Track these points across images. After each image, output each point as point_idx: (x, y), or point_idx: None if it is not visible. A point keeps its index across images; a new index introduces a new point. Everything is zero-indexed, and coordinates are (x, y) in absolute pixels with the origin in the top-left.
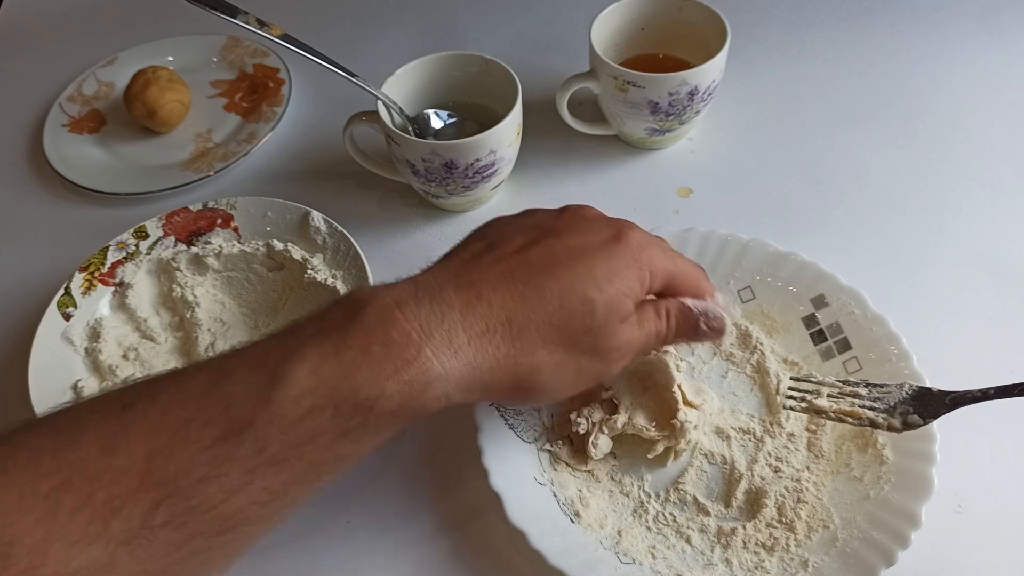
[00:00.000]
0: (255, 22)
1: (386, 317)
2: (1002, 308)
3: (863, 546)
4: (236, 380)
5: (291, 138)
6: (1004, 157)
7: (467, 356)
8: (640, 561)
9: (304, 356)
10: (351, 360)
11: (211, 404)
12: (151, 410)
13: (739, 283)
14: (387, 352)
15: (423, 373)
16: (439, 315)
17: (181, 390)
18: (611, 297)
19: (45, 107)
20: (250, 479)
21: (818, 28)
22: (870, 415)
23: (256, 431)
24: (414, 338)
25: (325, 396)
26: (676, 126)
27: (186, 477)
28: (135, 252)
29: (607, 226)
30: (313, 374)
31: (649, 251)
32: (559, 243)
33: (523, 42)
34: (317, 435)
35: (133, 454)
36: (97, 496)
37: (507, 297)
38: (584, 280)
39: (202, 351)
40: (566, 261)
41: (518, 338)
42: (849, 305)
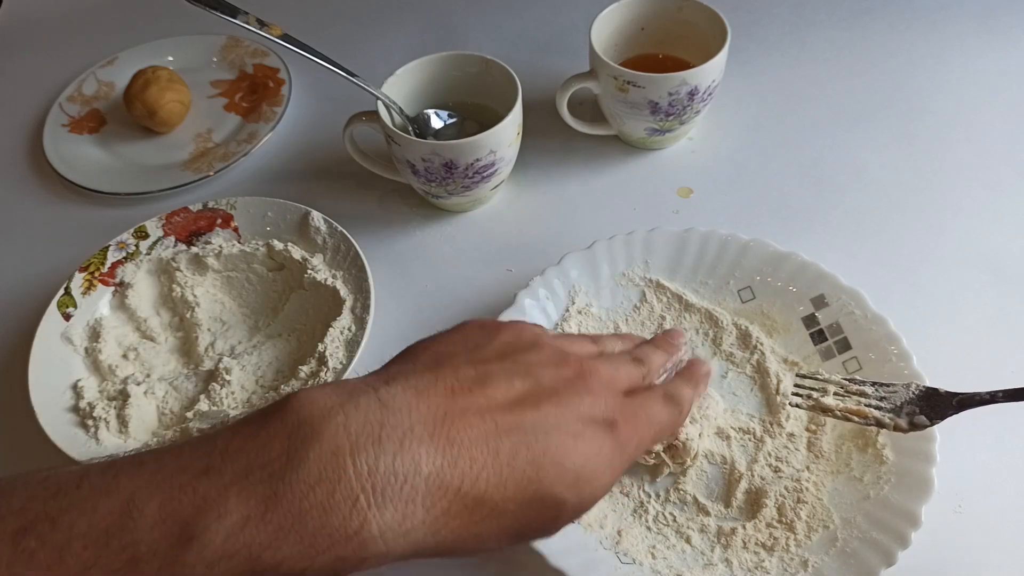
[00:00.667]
0: (255, 22)
1: (333, 468)
2: (1002, 308)
3: (863, 546)
4: (145, 524)
5: (291, 138)
6: (1004, 157)
7: (416, 537)
8: (640, 561)
9: (225, 511)
10: (279, 526)
11: (114, 551)
12: (49, 541)
13: (739, 283)
14: (324, 520)
15: (360, 549)
16: (400, 479)
17: (83, 520)
18: (582, 504)
19: (45, 107)
20: None
21: (818, 28)
22: (876, 414)
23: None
24: (360, 504)
25: (244, 564)
26: (676, 126)
27: None
28: (135, 252)
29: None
30: (231, 537)
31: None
32: (555, 412)
33: (523, 42)
34: None
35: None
36: None
37: (483, 473)
38: (566, 477)
39: (202, 351)
40: (558, 444)
41: (477, 525)
42: (849, 305)
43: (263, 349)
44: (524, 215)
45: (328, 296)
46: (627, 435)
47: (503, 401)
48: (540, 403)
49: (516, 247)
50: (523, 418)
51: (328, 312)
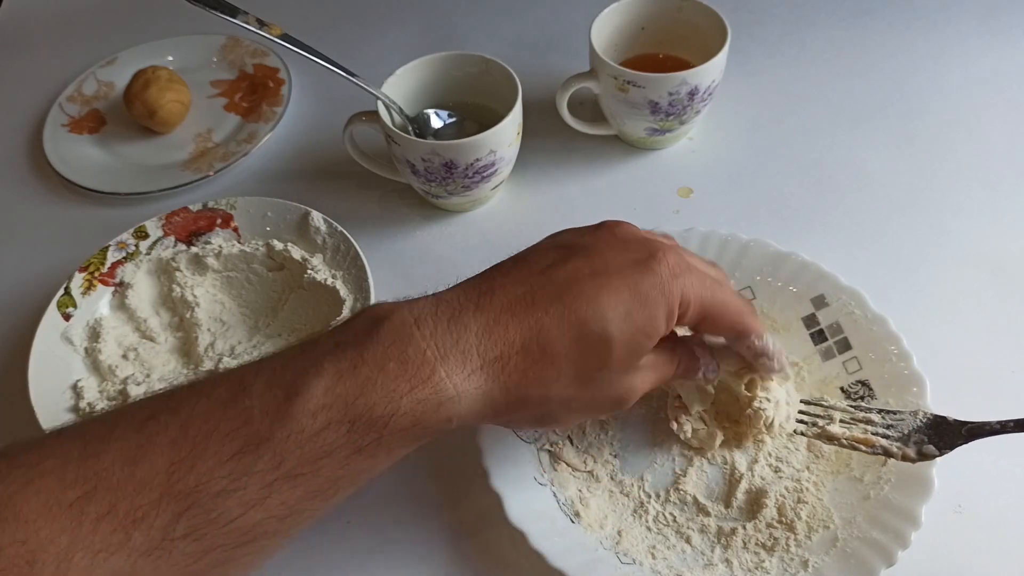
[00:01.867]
0: (255, 22)
1: (403, 334)
2: (1002, 308)
3: (863, 546)
4: (255, 394)
5: (291, 138)
6: (1004, 157)
7: (479, 381)
8: (640, 561)
9: (321, 371)
10: (367, 377)
11: (231, 417)
12: (172, 422)
13: (739, 283)
14: (402, 370)
15: (436, 393)
16: (455, 336)
17: (202, 402)
18: (631, 336)
19: (45, 107)
20: (268, 493)
21: (818, 28)
22: (883, 443)
23: (274, 445)
24: (428, 357)
25: (341, 412)
26: (676, 126)
27: (206, 490)
28: (135, 252)
29: (639, 247)
30: (329, 390)
31: (683, 280)
32: (586, 264)
33: (523, 42)
34: (333, 450)
35: (155, 466)
36: (120, 506)
37: (524, 323)
38: (605, 313)
39: (202, 351)
40: (589, 287)
41: (531, 367)
42: (849, 305)
43: (263, 349)
44: (524, 215)
45: (328, 296)
46: (668, 268)
47: (538, 268)
48: (569, 260)
49: (516, 247)
50: (554, 274)
51: (328, 312)
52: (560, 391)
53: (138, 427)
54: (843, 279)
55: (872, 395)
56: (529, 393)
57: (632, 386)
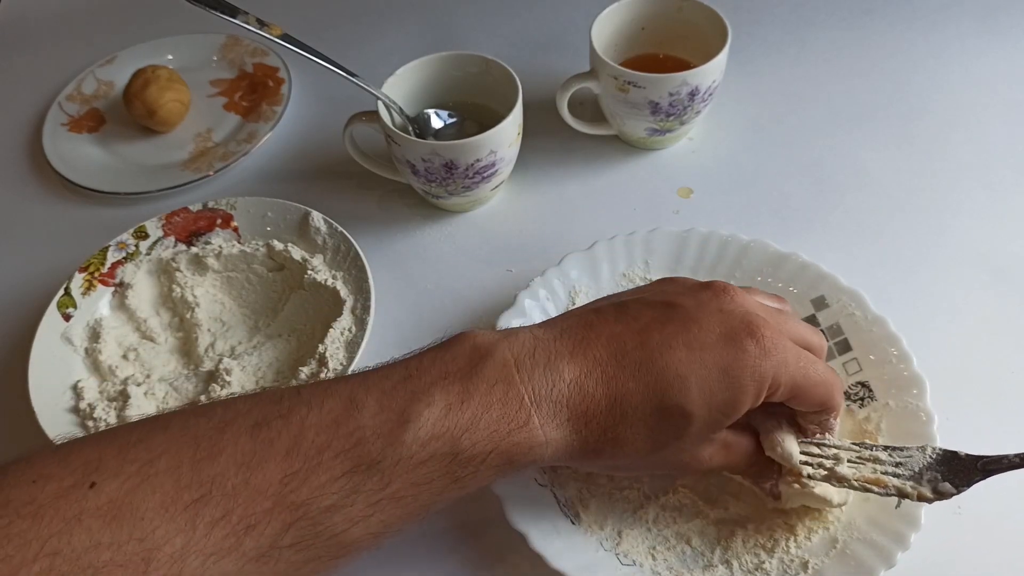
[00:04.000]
0: (255, 22)
1: (504, 375)
2: (1002, 308)
3: (863, 547)
4: (368, 413)
5: (291, 138)
6: (1004, 157)
7: (564, 432)
8: (640, 562)
9: (432, 401)
10: (473, 414)
11: (343, 435)
12: (285, 432)
13: (739, 284)
14: (503, 412)
15: (529, 439)
16: (549, 384)
17: (313, 414)
18: (709, 414)
19: (44, 106)
20: (372, 512)
21: (818, 28)
22: (896, 483)
23: (383, 469)
24: (526, 403)
25: (447, 445)
26: (676, 126)
27: (316, 504)
28: (135, 252)
29: (740, 322)
30: (439, 422)
31: (777, 359)
32: (682, 332)
33: (523, 42)
34: (434, 478)
35: (269, 476)
36: (234, 513)
37: (613, 384)
38: (689, 389)
39: (202, 351)
40: (679, 359)
41: (612, 428)
42: (849, 306)
43: (263, 350)
44: (524, 215)
45: (328, 296)
46: (763, 348)
47: (634, 326)
48: (666, 324)
49: (516, 247)
50: (648, 337)
51: (328, 313)
52: (632, 451)
53: (250, 432)
54: (843, 280)
55: (872, 396)
56: (604, 448)
57: (698, 457)
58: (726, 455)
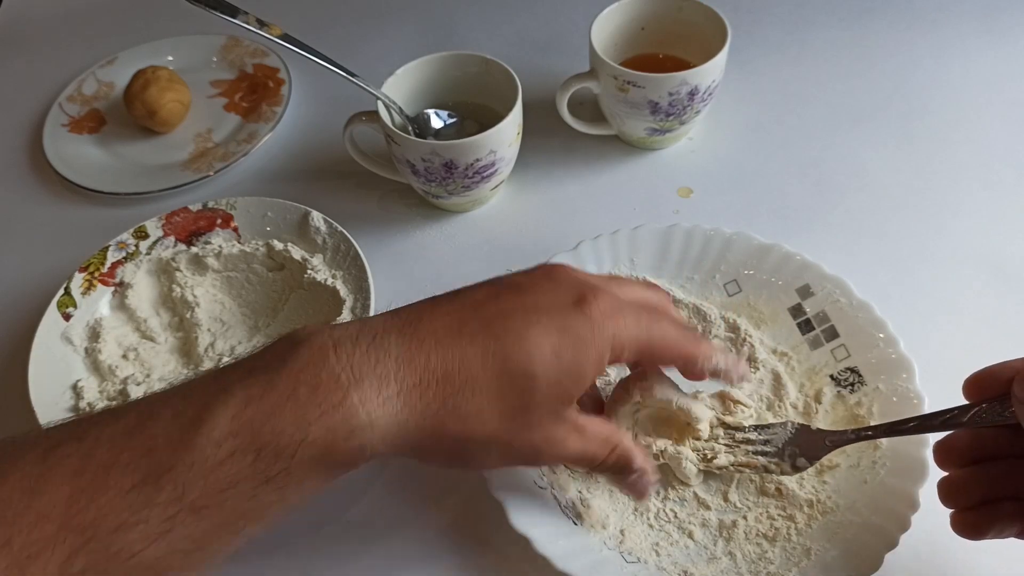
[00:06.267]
0: (255, 22)
1: (318, 358)
2: (1002, 308)
3: (864, 531)
4: (161, 421)
5: (291, 138)
6: (1004, 157)
7: (394, 409)
8: (645, 559)
9: (229, 398)
10: (275, 402)
11: (134, 446)
12: (76, 451)
13: (725, 277)
14: (312, 395)
15: (347, 420)
16: (373, 360)
17: (107, 431)
18: (556, 377)
19: (45, 107)
20: (170, 526)
21: (818, 28)
22: (763, 461)
23: (176, 476)
24: (342, 381)
25: (247, 440)
26: (676, 126)
27: (105, 523)
28: (135, 252)
29: (572, 289)
30: (236, 417)
31: (616, 321)
32: (517, 300)
33: (523, 42)
34: (238, 481)
35: (54, 497)
36: (15, 541)
37: (448, 352)
38: (531, 350)
39: (202, 351)
40: (518, 322)
41: (451, 397)
42: (834, 293)
43: None
44: (524, 215)
45: (328, 296)
46: (600, 310)
47: (470, 302)
48: (501, 296)
49: (516, 247)
50: (486, 308)
51: (328, 312)
52: (478, 427)
53: (42, 456)
54: (827, 268)
55: (862, 381)
56: (447, 426)
57: (552, 438)
58: (582, 440)
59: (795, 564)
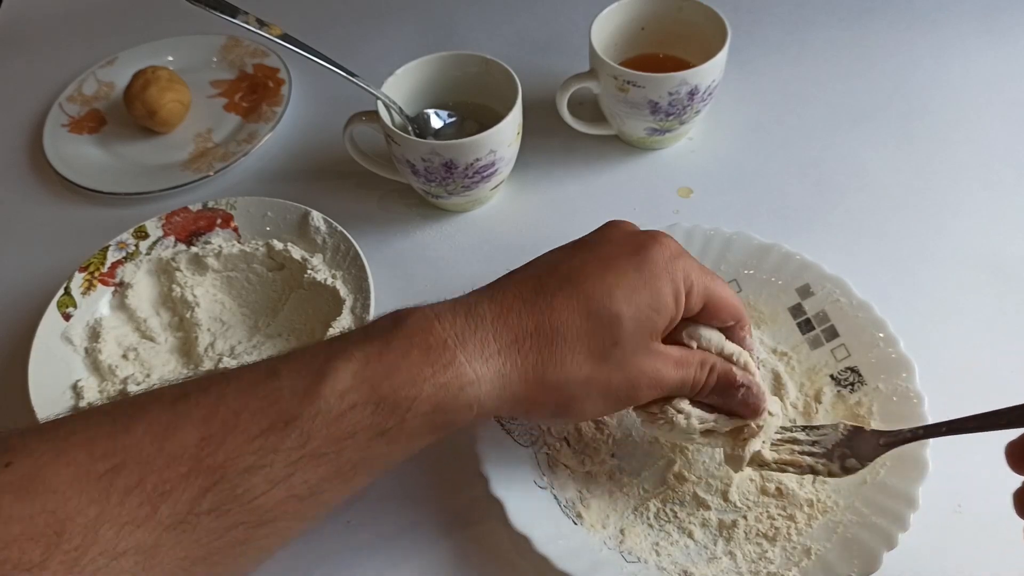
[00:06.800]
0: (255, 22)
1: (425, 325)
2: (1002, 308)
3: (864, 531)
4: (285, 376)
5: (291, 138)
6: (1004, 157)
7: (497, 364)
8: (645, 559)
9: (350, 356)
10: (392, 362)
11: (261, 396)
12: (204, 400)
13: (725, 277)
14: (425, 356)
15: (457, 377)
16: (473, 326)
17: (233, 384)
18: (638, 310)
19: (45, 107)
20: (292, 471)
21: (818, 28)
22: (810, 461)
23: (302, 424)
24: (449, 344)
25: (367, 393)
26: (676, 126)
27: (234, 465)
28: (135, 252)
29: (638, 236)
30: (357, 373)
31: (683, 262)
32: (589, 254)
33: (523, 42)
34: (357, 431)
35: (185, 441)
36: (149, 480)
37: (536, 307)
38: (611, 290)
39: (202, 351)
40: (594, 272)
41: (546, 348)
42: (834, 293)
43: (263, 349)
44: (524, 215)
45: (328, 296)
46: (668, 251)
47: (547, 265)
48: (575, 253)
49: (516, 247)
50: (562, 266)
51: (328, 312)
52: (575, 371)
53: (169, 405)
54: (827, 268)
55: (862, 381)
56: (546, 374)
57: (648, 369)
58: (678, 367)
59: (795, 564)
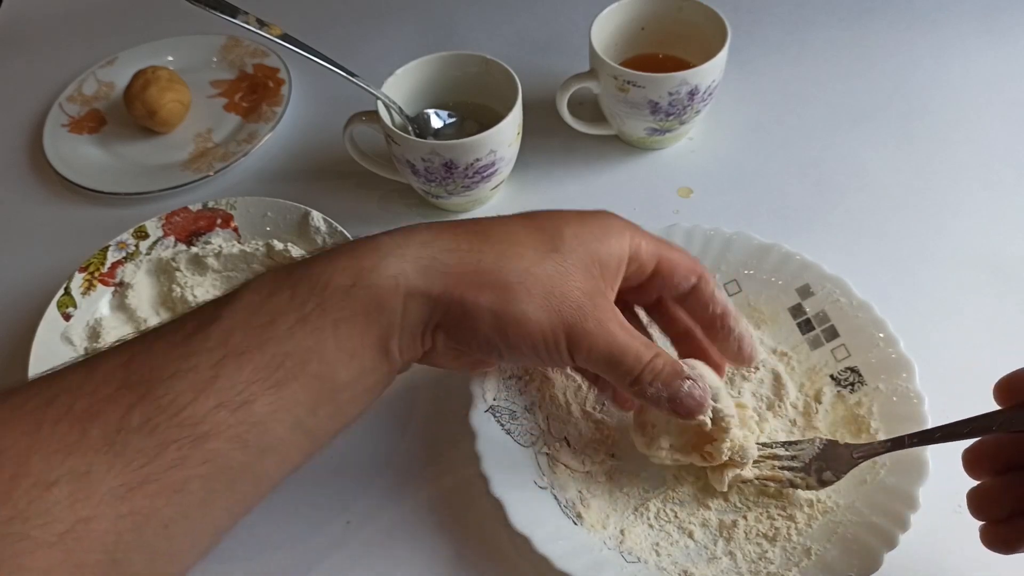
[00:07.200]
0: (255, 22)
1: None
2: (1002, 308)
3: (864, 531)
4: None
5: (291, 138)
6: (1004, 157)
7: (424, 237)
8: (645, 559)
9: (269, 271)
10: (312, 259)
11: (187, 315)
12: (136, 340)
13: (725, 277)
14: (350, 249)
15: (376, 249)
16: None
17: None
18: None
19: (45, 107)
20: (216, 372)
21: (818, 28)
22: (789, 476)
23: (222, 322)
24: (379, 238)
25: (283, 281)
26: (676, 126)
27: (158, 374)
28: (135, 252)
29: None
30: (276, 271)
31: (635, 228)
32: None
33: (523, 42)
34: (277, 318)
35: (113, 363)
36: (77, 405)
37: (486, 223)
38: (560, 219)
39: None
40: (550, 214)
41: (487, 242)
42: (834, 293)
43: None
44: None
45: None
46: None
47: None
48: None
49: None
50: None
51: None
52: (515, 260)
53: (104, 352)
54: (826, 268)
55: (862, 381)
56: (483, 258)
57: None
58: (626, 333)
59: (795, 564)
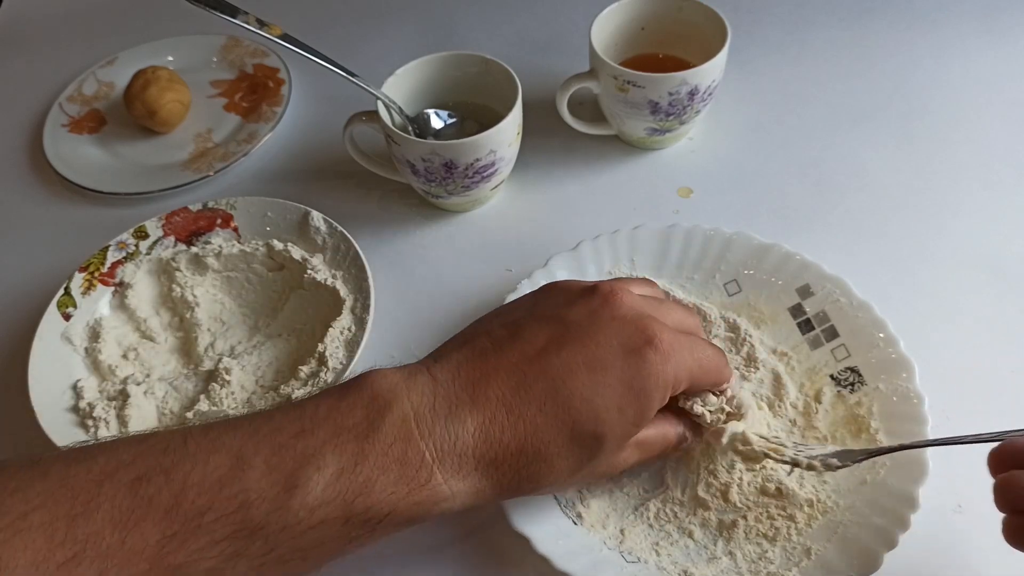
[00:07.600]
0: (255, 22)
1: (404, 433)
2: (1002, 308)
3: (864, 531)
4: (254, 475)
5: (291, 138)
6: (1004, 157)
7: (473, 480)
8: (645, 559)
9: (322, 464)
10: (367, 477)
11: (227, 497)
12: (166, 489)
13: (725, 277)
14: (402, 473)
15: (432, 495)
16: (452, 437)
17: (198, 471)
18: (622, 430)
19: (45, 107)
20: (256, 574)
21: (818, 28)
22: (791, 453)
23: (268, 535)
24: (427, 460)
25: (340, 509)
26: (676, 126)
27: (195, 567)
28: (135, 252)
29: (634, 332)
30: (329, 487)
31: (675, 360)
32: (580, 352)
33: (523, 42)
34: (325, 541)
35: (146, 536)
36: (108, 574)
37: (519, 425)
38: (599, 413)
39: (202, 351)
40: (584, 384)
41: (525, 468)
42: (834, 293)
43: (263, 349)
44: (524, 215)
45: (328, 296)
46: (660, 356)
47: (530, 352)
48: (563, 345)
49: (516, 247)
50: (548, 363)
51: (328, 312)
52: (550, 482)
53: (130, 487)
54: (827, 268)
55: (862, 381)
56: (522, 486)
57: (615, 464)
58: (640, 451)
59: (795, 564)
